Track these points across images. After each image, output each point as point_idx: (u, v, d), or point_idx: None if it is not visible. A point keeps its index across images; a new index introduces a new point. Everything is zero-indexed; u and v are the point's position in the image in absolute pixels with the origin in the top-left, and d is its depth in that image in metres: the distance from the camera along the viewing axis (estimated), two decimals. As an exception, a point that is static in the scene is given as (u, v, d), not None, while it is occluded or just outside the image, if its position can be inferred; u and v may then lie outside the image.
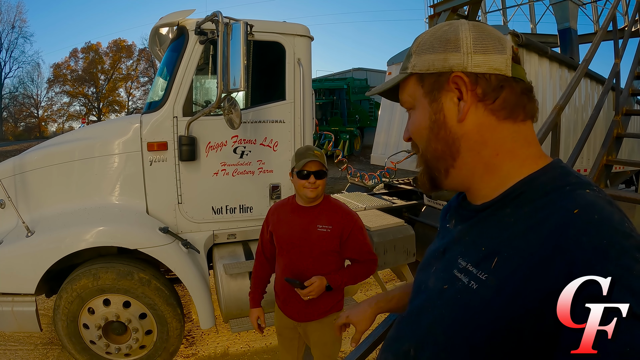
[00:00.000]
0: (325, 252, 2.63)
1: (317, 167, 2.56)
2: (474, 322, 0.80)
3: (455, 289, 0.88)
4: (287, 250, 2.66)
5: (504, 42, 0.91)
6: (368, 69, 31.20)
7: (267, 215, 2.82)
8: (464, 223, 0.99)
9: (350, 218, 2.69)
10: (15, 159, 3.85)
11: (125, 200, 3.78)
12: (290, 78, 4.09)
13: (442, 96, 0.92)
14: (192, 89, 3.84)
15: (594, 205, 0.74)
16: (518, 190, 0.86)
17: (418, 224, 5.52)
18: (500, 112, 0.89)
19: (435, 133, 0.94)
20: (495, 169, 0.91)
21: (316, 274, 2.58)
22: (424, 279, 1.05)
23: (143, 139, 3.71)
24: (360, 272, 2.75)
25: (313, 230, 2.61)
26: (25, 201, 3.68)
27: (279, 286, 2.75)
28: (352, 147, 20.71)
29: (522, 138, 0.91)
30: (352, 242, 2.68)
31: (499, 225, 0.86)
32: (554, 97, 6.64)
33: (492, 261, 0.81)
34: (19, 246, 3.42)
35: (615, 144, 4.56)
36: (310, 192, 2.56)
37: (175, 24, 3.89)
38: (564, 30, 12.74)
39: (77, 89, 47.43)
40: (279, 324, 2.88)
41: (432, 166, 0.98)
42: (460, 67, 0.89)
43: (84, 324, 3.63)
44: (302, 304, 2.62)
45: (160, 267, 3.83)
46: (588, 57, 4.18)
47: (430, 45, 0.94)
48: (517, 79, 0.90)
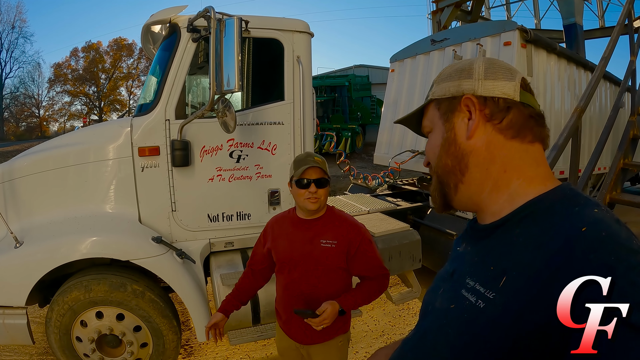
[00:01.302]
0: (331, 270, 2.41)
1: (318, 175, 2.34)
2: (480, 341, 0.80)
3: (462, 308, 0.89)
4: (289, 268, 2.44)
5: (514, 72, 0.98)
6: (370, 66, 31.06)
7: (266, 228, 2.62)
8: (474, 245, 1.01)
9: (357, 231, 2.46)
10: (4, 165, 3.72)
11: (116, 208, 3.64)
12: (289, 77, 3.92)
13: (454, 116, 1.00)
14: (184, 90, 3.69)
15: (602, 222, 0.75)
16: (527, 210, 0.88)
17: (423, 227, 5.41)
18: (508, 132, 0.94)
19: (445, 149, 1.01)
20: (503, 186, 0.95)
21: (323, 293, 2.36)
22: (431, 300, 1.07)
23: (134, 143, 3.55)
24: (373, 290, 2.49)
25: (316, 246, 2.39)
26: (15, 209, 3.55)
27: (281, 306, 2.54)
28: (354, 145, 20.67)
29: (530, 158, 0.95)
30: (361, 257, 2.44)
31: (507, 245, 0.87)
32: (562, 95, 6.50)
33: (501, 280, 0.81)
34: (7, 258, 3.28)
35: (631, 146, 4.36)
36: (312, 204, 2.34)
37: (166, 21, 3.72)
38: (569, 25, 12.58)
39: (78, 89, 47.45)
40: (281, 345, 2.69)
41: (443, 181, 1.02)
42: (471, 90, 0.97)
43: (76, 337, 3.51)
44: (305, 326, 2.35)
45: (155, 277, 3.67)
46: (606, 55, 3.99)
47: (448, 75, 1.03)
48: (525, 104, 0.96)
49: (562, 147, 3.22)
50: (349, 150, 19.67)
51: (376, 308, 5.46)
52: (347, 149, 19.38)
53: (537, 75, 5.76)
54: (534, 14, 21.89)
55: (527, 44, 5.49)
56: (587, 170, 3.88)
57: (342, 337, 2.57)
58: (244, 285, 2.68)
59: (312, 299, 2.37)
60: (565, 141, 3.27)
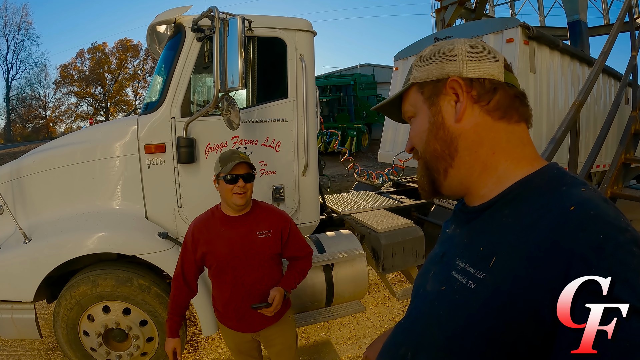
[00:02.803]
0: (270, 257, 2.63)
1: (245, 170, 2.49)
2: (471, 321, 0.81)
3: (452, 289, 0.90)
4: (233, 266, 2.54)
5: (496, 53, 0.98)
6: (375, 65, 30.96)
7: (191, 234, 2.62)
8: (463, 227, 1.02)
9: (285, 218, 2.73)
10: (12, 163, 3.77)
11: (122, 204, 3.67)
12: (292, 75, 3.94)
13: (440, 100, 0.99)
14: (190, 89, 3.71)
15: (590, 201, 0.76)
16: (515, 191, 0.89)
17: (427, 223, 5.42)
18: (495, 113, 0.94)
19: (434, 134, 0.99)
20: (492, 168, 0.95)
21: (267, 282, 2.60)
22: (422, 283, 1.08)
23: (140, 141, 3.59)
24: (306, 267, 2.82)
25: (254, 239, 2.56)
26: (23, 207, 3.60)
27: (230, 307, 2.62)
28: (359, 144, 20.64)
29: (516, 139, 0.96)
30: (292, 240, 2.73)
31: (497, 226, 0.88)
32: (565, 91, 6.51)
33: (490, 261, 0.82)
34: (16, 253, 3.34)
35: (633, 141, 4.37)
36: (240, 199, 2.48)
37: (171, 21, 3.75)
38: (573, 22, 12.58)
39: (84, 90, 47.68)
40: (235, 343, 2.81)
41: (432, 167, 1.02)
42: (456, 72, 0.96)
43: (84, 331, 3.56)
44: (259, 313, 2.56)
45: (162, 272, 3.73)
46: (606, 50, 4.00)
47: (429, 58, 1.02)
48: (509, 84, 0.96)
49: (560, 141, 3.25)
50: (355, 149, 19.66)
51: (380, 304, 5.49)
52: (352, 148, 19.38)
53: (540, 72, 5.77)
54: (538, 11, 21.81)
55: (530, 41, 5.51)
56: (586, 164, 3.90)
57: (289, 311, 2.87)
58: (181, 300, 2.69)
59: (262, 289, 2.54)
60: (563, 135, 3.30)
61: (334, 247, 4.32)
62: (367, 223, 4.75)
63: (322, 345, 4.56)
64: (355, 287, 4.31)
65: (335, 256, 4.20)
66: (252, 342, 2.80)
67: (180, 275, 2.64)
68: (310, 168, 4.02)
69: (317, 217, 4.28)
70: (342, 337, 4.71)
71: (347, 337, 4.69)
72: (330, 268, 4.17)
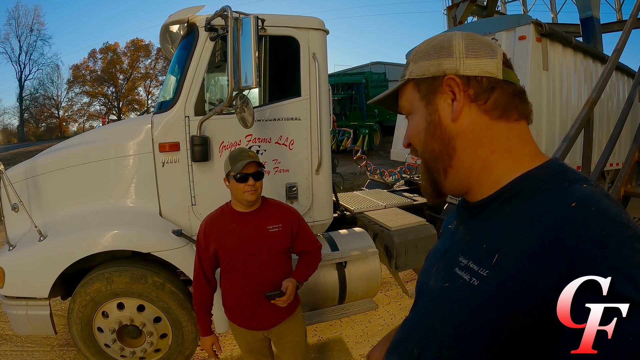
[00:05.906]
0: (281, 251, 2.68)
1: (254, 169, 2.54)
2: (475, 319, 0.81)
3: (456, 287, 0.90)
4: (243, 260, 2.59)
5: (495, 48, 0.95)
6: (386, 63, 30.74)
7: (203, 231, 2.67)
8: (465, 223, 1.01)
9: (293, 212, 2.81)
10: (27, 162, 3.81)
11: (136, 202, 3.70)
12: (305, 73, 3.95)
13: (436, 98, 0.97)
14: (203, 88, 3.73)
15: (591, 198, 0.76)
16: (516, 187, 0.88)
17: (440, 222, 5.39)
18: (493, 112, 0.93)
19: (431, 133, 0.98)
20: (492, 167, 0.93)
21: (278, 275, 2.64)
22: (425, 280, 1.08)
23: (154, 140, 3.62)
24: (315, 261, 2.87)
25: (265, 233, 2.61)
26: (38, 205, 3.64)
27: (243, 304, 2.66)
28: (371, 142, 20.54)
29: (516, 137, 0.94)
30: (302, 234, 2.79)
31: (499, 223, 0.87)
32: (578, 89, 6.45)
33: (493, 257, 0.82)
34: (31, 251, 3.38)
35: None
36: (250, 196, 2.53)
37: (185, 20, 3.78)
38: (586, 19, 12.47)
39: (96, 89, 47.96)
40: (247, 342, 2.83)
41: (431, 167, 1.00)
42: (453, 70, 0.93)
43: (98, 328, 3.59)
44: (273, 308, 2.62)
45: (176, 269, 3.75)
46: (619, 47, 3.96)
47: (426, 53, 0.99)
48: (508, 81, 0.94)
49: (574, 139, 3.23)
50: (367, 147, 19.54)
51: (392, 303, 5.50)
52: (364, 146, 19.28)
53: (553, 69, 5.72)
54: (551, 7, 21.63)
55: (542, 38, 5.47)
56: (599, 162, 3.86)
57: (299, 307, 2.92)
58: (206, 297, 2.75)
59: (274, 282, 2.59)
60: (577, 132, 3.27)
61: (346, 244, 4.32)
62: (380, 221, 4.75)
63: (334, 343, 4.57)
64: (368, 285, 4.32)
65: (348, 254, 4.21)
66: (264, 340, 2.83)
67: (200, 274, 2.69)
68: (323, 166, 4.04)
69: (330, 215, 4.29)
70: (354, 335, 4.72)
71: (359, 335, 4.70)
72: (343, 266, 4.18)
